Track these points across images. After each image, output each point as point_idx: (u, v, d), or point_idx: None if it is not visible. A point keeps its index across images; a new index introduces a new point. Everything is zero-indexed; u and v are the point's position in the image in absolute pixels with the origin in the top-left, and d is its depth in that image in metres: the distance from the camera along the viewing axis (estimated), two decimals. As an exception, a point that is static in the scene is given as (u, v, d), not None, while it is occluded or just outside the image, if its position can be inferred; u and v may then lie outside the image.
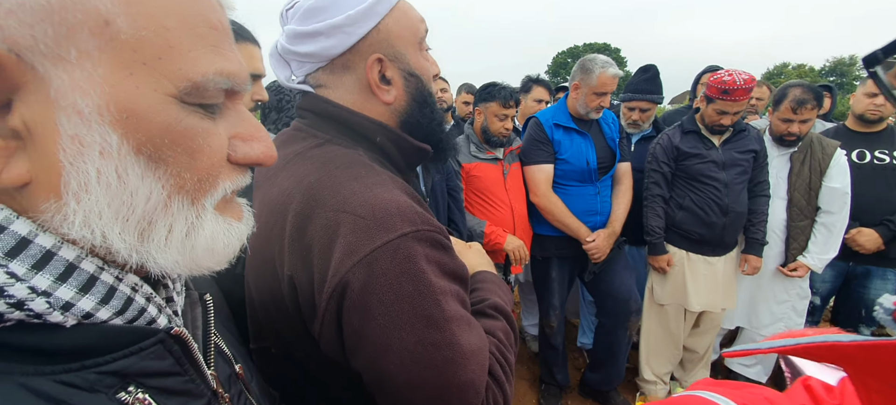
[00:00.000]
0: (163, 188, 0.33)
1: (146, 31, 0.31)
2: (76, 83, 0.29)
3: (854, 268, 2.46)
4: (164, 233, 0.34)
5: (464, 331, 0.58)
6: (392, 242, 0.55)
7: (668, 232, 2.39)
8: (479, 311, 0.72)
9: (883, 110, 2.34)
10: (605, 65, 2.19)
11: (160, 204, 0.33)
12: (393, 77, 0.70)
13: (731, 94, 2.12)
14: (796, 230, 2.34)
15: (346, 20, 0.65)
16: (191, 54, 0.33)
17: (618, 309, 2.37)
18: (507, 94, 2.23)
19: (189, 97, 0.34)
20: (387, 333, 0.55)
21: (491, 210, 2.28)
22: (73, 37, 0.29)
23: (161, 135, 0.32)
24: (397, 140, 0.72)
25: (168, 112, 0.32)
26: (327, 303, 0.56)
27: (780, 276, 2.41)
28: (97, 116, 0.30)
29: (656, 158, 2.38)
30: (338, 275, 0.55)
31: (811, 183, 2.30)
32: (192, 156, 0.34)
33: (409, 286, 0.55)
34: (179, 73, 0.33)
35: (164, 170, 0.33)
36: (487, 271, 0.83)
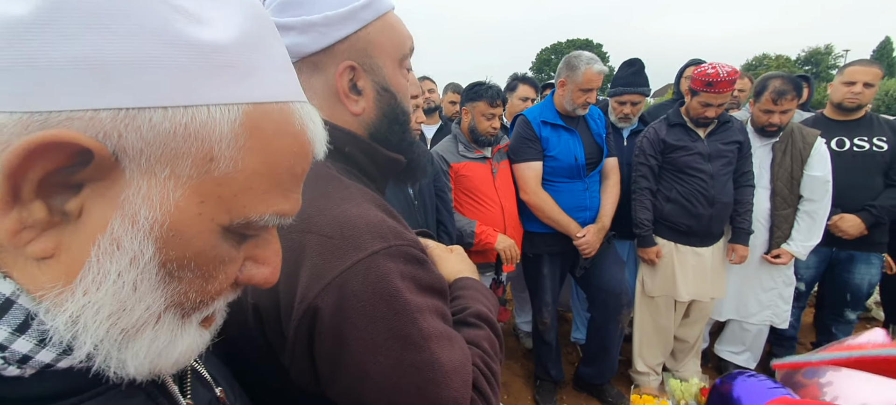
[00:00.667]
0: (165, 302, 0.33)
1: (239, 172, 0.33)
2: (149, 196, 0.30)
3: (837, 254, 2.51)
4: (145, 344, 0.33)
5: (444, 348, 0.55)
6: (362, 262, 0.52)
7: (657, 224, 2.41)
8: (461, 321, 0.69)
9: (860, 98, 2.40)
10: (591, 61, 2.20)
11: (154, 316, 0.33)
12: (364, 88, 0.66)
13: (714, 86, 2.15)
14: (780, 219, 2.38)
15: (322, 20, 0.61)
16: (263, 196, 0.34)
17: (609, 302, 2.38)
18: (494, 93, 2.22)
19: (236, 228, 0.34)
20: (363, 359, 0.52)
21: (481, 209, 2.27)
22: (175, 160, 0.30)
23: (191, 257, 0.33)
24: (368, 150, 0.67)
25: (209, 239, 0.33)
26: (296, 332, 0.53)
27: (766, 265, 2.45)
28: (148, 229, 0.30)
29: (643, 151, 2.40)
30: (306, 301, 0.52)
31: (793, 172, 2.34)
32: (206, 280, 0.34)
33: (383, 307, 0.52)
34: (242, 209, 0.33)
35: (175, 287, 0.33)
36: (469, 277, 0.79)
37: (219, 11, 0.32)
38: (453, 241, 2.12)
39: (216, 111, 0.31)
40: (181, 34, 0.29)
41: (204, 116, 0.30)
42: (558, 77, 2.30)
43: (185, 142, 0.30)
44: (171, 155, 0.30)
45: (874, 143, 2.37)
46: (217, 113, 0.31)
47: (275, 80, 0.35)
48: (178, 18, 0.29)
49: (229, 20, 0.32)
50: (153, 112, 0.28)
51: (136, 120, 0.28)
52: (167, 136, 0.29)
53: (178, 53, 0.29)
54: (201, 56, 0.30)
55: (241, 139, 0.32)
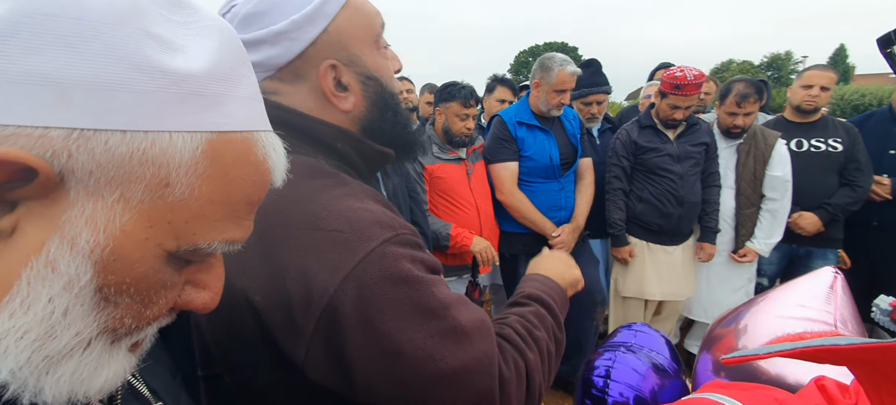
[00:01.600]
0: (97, 327, 0.31)
1: (195, 202, 0.32)
2: (93, 219, 0.29)
3: (797, 250, 2.63)
4: (69, 372, 0.30)
5: (462, 311, 0.58)
6: (376, 251, 0.54)
7: (630, 223, 2.47)
8: (514, 303, 0.75)
9: (817, 101, 2.52)
10: (564, 63, 2.23)
11: (83, 342, 0.30)
12: (349, 82, 0.65)
13: (682, 89, 2.22)
14: (744, 217, 2.48)
15: (290, 26, 0.60)
16: (215, 224, 0.33)
17: (583, 300, 2.42)
18: (468, 94, 2.21)
19: (183, 254, 0.33)
20: (395, 339, 0.53)
21: (456, 211, 2.26)
22: (127, 184, 0.29)
23: (131, 283, 0.31)
24: (358, 145, 0.68)
25: (152, 264, 0.32)
26: (316, 326, 0.53)
27: (732, 264, 2.54)
28: (88, 252, 0.29)
29: (616, 153, 2.46)
30: (326, 296, 0.52)
31: (756, 172, 2.44)
32: (145, 305, 0.33)
33: (402, 288, 0.55)
34: (191, 236, 0.33)
35: (110, 312, 0.31)
36: (536, 273, 0.84)
37: (193, 40, 0.32)
38: (429, 243, 2.11)
39: (178, 138, 0.30)
40: (151, 60, 0.29)
41: (165, 143, 0.30)
42: (533, 78, 2.32)
43: (141, 166, 0.29)
44: (124, 178, 0.29)
45: (830, 144, 2.50)
46: (179, 140, 0.30)
47: (241, 110, 0.34)
48: (150, 44, 0.29)
49: (203, 49, 0.32)
50: (110, 135, 0.28)
51: (90, 141, 0.27)
52: (122, 159, 0.28)
53: (146, 79, 0.29)
54: (170, 83, 0.30)
55: (201, 167, 0.32)
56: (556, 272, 0.85)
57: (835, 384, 0.60)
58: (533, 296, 0.75)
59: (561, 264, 0.88)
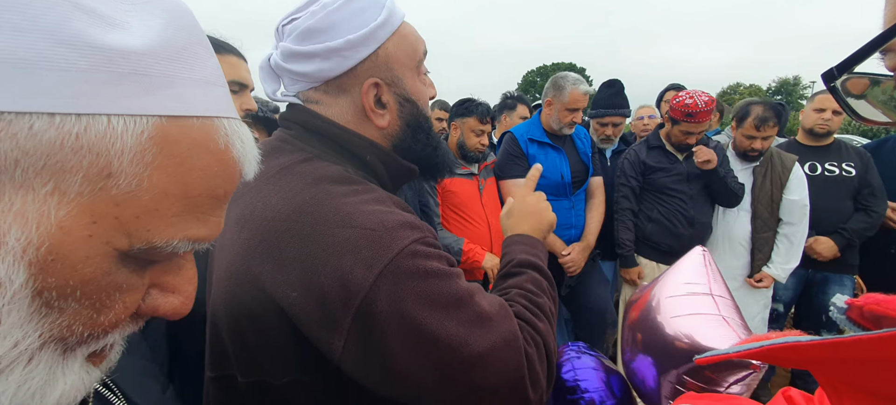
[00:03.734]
0: (40, 337, 0.27)
1: (145, 194, 0.28)
2: (23, 213, 0.25)
3: (813, 276, 2.58)
4: (12, 387, 0.27)
5: (483, 298, 0.63)
6: (407, 248, 0.58)
7: (639, 244, 2.45)
8: (505, 273, 0.78)
9: (830, 124, 2.51)
10: (576, 82, 2.25)
11: (25, 355, 0.27)
12: (388, 101, 0.70)
13: (694, 116, 2.23)
14: (761, 241, 2.44)
15: (345, 45, 0.64)
16: (172, 220, 0.30)
17: (593, 322, 2.39)
18: (484, 110, 2.24)
19: (137, 253, 0.30)
20: (430, 328, 0.57)
21: (468, 226, 2.26)
22: (61, 174, 0.26)
23: (76, 286, 0.27)
24: (386, 159, 0.72)
25: (101, 265, 0.28)
26: (354, 320, 0.56)
27: (749, 290, 2.48)
28: (20, 252, 0.25)
29: (624, 173, 2.45)
30: (363, 290, 0.55)
31: (773, 195, 2.41)
32: (98, 311, 0.29)
33: (433, 280, 0.58)
34: (144, 233, 0.29)
35: (54, 319, 0.28)
36: (518, 234, 0.87)
37: (136, 16, 0.29)
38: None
39: (118, 122, 0.27)
40: (82, 34, 0.26)
41: (101, 127, 0.26)
42: (545, 96, 2.34)
43: (75, 154, 0.26)
44: (56, 167, 0.25)
45: (843, 168, 2.48)
46: (119, 124, 0.27)
47: (196, 93, 0.31)
48: (80, 18, 0.26)
49: (147, 26, 0.29)
50: (36, 118, 0.24)
51: (11, 125, 0.24)
52: (51, 145, 0.25)
53: (76, 55, 0.25)
54: (105, 61, 0.26)
55: (149, 155, 0.28)
56: (534, 226, 0.89)
57: (801, 395, 0.60)
58: (523, 262, 0.79)
59: (535, 213, 0.91)
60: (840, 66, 0.33)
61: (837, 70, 0.33)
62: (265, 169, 0.65)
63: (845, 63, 0.32)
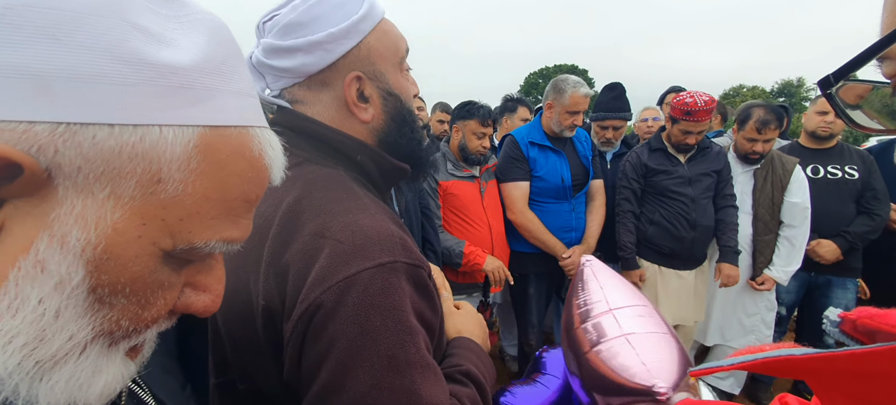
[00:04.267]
0: (91, 331, 0.30)
1: (188, 197, 0.31)
2: (83, 216, 0.28)
3: (816, 279, 2.56)
4: (64, 377, 0.29)
5: (427, 381, 0.53)
6: (367, 271, 0.52)
7: (641, 247, 2.44)
8: (448, 376, 0.65)
9: (833, 127, 2.50)
10: (577, 85, 2.25)
11: (78, 347, 0.29)
12: (371, 95, 0.69)
13: (693, 115, 2.22)
14: (762, 244, 2.43)
15: (326, 38, 0.63)
16: (211, 222, 0.33)
17: (596, 325, 2.38)
18: (486, 113, 2.24)
19: (179, 253, 0.32)
20: (343, 370, 0.51)
21: (469, 228, 2.26)
22: (117, 180, 0.28)
23: (126, 283, 0.30)
24: (377, 158, 0.70)
25: (148, 263, 0.31)
26: (293, 329, 0.53)
27: (749, 289, 2.49)
28: (79, 251, 0.28)
29: (626, 175, 2.45)
30: (306, 301, 0.52)
31: (774, 198, 2.40)
32: (142, 307, 0.32)
33: (377, 320, 0.51)
34: (187, 235, 0.32)
35: (106, 314, 0.30)
36: (467, 338, 0.75)
37: (183, 34, 0.31)
38: (438, 259, 2.10)
39: (169, 132, 0.29)
40: (138, 52, 0.28)
41: (155, 137, 0.29)
42: (546, 99, 2.34)
43: (131, 161, 0.28)
44: (114, 174, 0.28)
45: (846, 171, 2.46)
46: (169, 134, 0.29)
47: (234, 104, 0.34)
48: (137, 36, 0.28)
49: (193, 43, 0.31)
50: (98, 129, 0.27)
51: (77, 136, 0.26)
52: (111, 154, 0.27)
53: (131, 71, 0.28)
54: (158, 76, 0.29)
55: (194, 162, 0.31)
56: (483, 340, 0.79)
57: (798, 401, 0.60)
58: (470, 374, 0.67)
59: (480, 328, 0.81)
60: (837, 72, 0.32)
61: (834, 77, 0.32)
62: None
63: (842, 70, 0.32)
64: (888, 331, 0.35)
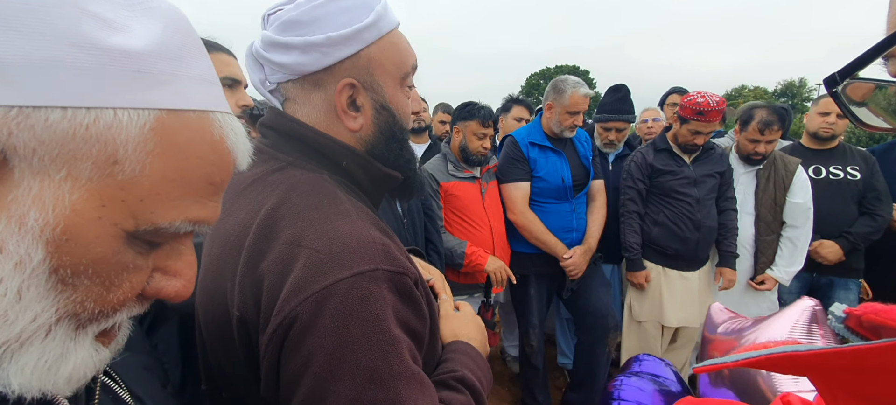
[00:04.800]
0: (55, 312, 0.30)
1: (147, 178, 0.31)
2: (41, 197, 0.28)
3: (818, 280, 2.55)
4: (32, 359, 0.30)
5: (413, 392, 0.51)
6: (345, 281, 0.50)
7: (645, 248, 2.43)
8: (442, 382, 0.63)
9: (834, 128, 2.49)
10: (577, 85, 2.25)
11: (43, 329, 0.30)
12: (363, 105, 0.66)
13: (705, 115, 2.21)
14: (764, 244, 2.43)
15: (325, 41, 0.62)
16: (174, 202, 0.33)
17: (596, 325, 2.37)
18: (487, 114, 2.24)
19: (144, 234, 0.33)
20: (323, 384, 0.49)
21: (470, 229, 2.26)
22: (73, 161, 0.29)
23: (88, 264, 0.30)
24: (365, 164, 0.68)
25: (110, 244, 0.31)
26: (268, 343, 0.52)
27: (752, 292, 2.48)
28: (38, 232, 0.28)
29: (631, 175, 2.44)
30: (281, 314, 0.50)
31: (776, 198, 2.40)
32: (107, 288, 0.32)
33: (356, 331, 0.49)
34: (150, 215, 0.32)
35: (69, 295, 0.30)
36: (464, 343, 0.73)
37: (137, 21, 0.32)
38: (442, 260, 2.10)
39: (123, 115, 0.30)
40: (90, 37, 0.29)
41: (108, 119, 0.29)
42: (545, 100, 2.34)
43: (86, 143, 0.29)
44: (69, 156, 0.28)
45: (848, 172, 2.46)
46: (124, 117, 0.30)
47: (193, 89, 0.34)
48: (90, 22, 0.29)
49: (147, 29, 0.32)
50: (50, 112, 0.27)
51: (29, 118, 0.27)
52: (65, 136, 0.28)
53: (85, 56, 0.28)
54: (111, 61, 0.30)
55: (150, 144, 0.31)
56: (481, 345, 0.76)
57: (799, 400, 0.60)
58: (466, 381, 0.65)
59: (479, 331, 0.79)
60: (842, 71, 0.32)
61: (840, 75, 0.32)
62: (238, 181, 0.64)
63: (848, 68, 0.32)
64: (893, 326, 0.35)
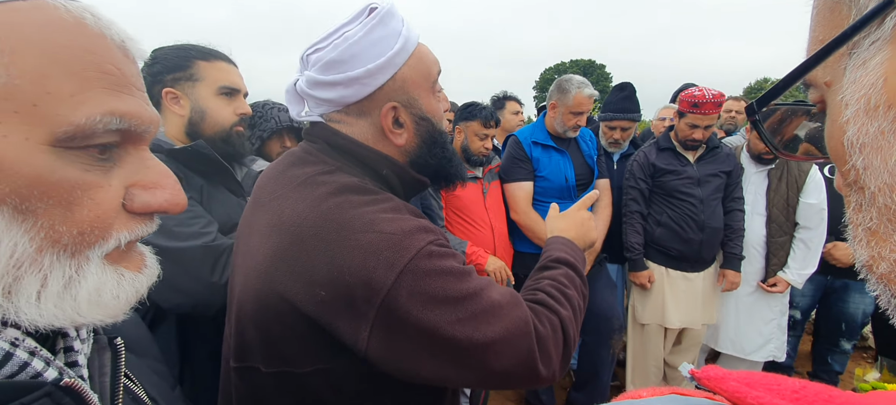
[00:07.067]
0: (31, 241, 0.32)
1: (20, 79, 0.30)
2: None
3: (833, 283, 2.48)
4: (35, 287, 0.32)
5: (494, 290, 0.69)
6: (423, 249, 0.64)
7: (648, 248, 2.40)
8: (542, 266, 0.86)
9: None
10: (581, 85, 2.22)
11: (27, 258, 0.32)
12: (405, 121, 0.76)
13: (700, 107, 2.16)
14: (776, 246, 2.36)
15: (364, 74, 0.70)
16: (74, 98, 0.32)
17: (600, 326, 2.35)
18: (488, 114, 2.23)
19: (72, 142, 0.33)
20: (445, 320, 0.63)
21: (471, 229, 2.26)
22: None
23: (28, 186, 0.31)
24: (401, 172, 0.78)
25: (39, 162, 0.31)
26: (378, 314, 0.62)
27: (763, 295, 2.41)
28: None
29: (633, 175, 2.40)
30: (385, 287, 0.61)
31: (788, 199, 2.33)
32: (68, 208, 0.33)
33: (448, 277, 0.65)
34: (57, 117, 0.32)
35: (33, 222, 0.32)
36: (560, 236, 0.96)
37: None
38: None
39: None
40: None
41: None
42: (549, 99, 2.32)
43: None
44: None
45: (867, 172, 2.37)
46: None
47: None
48: None
49: None
50: None
51: None
52: None
53: None
54: None
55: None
56: (579, 235, 0.97)
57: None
58: (561, 259, 0.87)
59: (580, 226, 0.99)
60: (760, 99, 0.32)
61: (757, 104, 0.32)
62: (291, 177, 0.73)
63: (765, 97, 0.32)
64: (722, 394, 0.30)
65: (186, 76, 1.18)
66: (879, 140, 0.23)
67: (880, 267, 0.26)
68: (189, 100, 1.18)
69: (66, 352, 0.40)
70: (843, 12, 0.26)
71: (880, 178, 0.24)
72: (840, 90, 0.26)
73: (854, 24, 0.24)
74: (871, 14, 0.23)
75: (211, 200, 1.18)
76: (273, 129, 1.74)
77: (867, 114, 0.24)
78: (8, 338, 0.33)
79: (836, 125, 0.27)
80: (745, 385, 0.29)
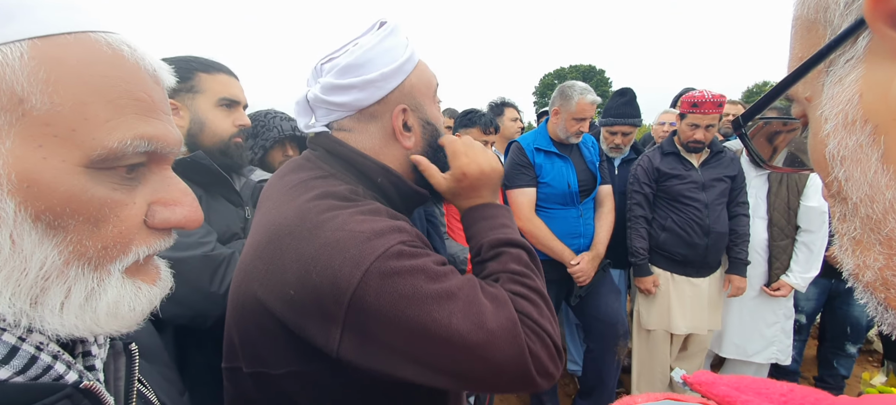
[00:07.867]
0: (60, 255, 0.33)
1: (61, 106, 0.33)
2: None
3: (837, 286, 2.47)
4: (59, 298, 0.34)
5: (475, 291, 0.66)
6: (392, 249, 0.63)
7: (652, 253, 2.39)
8: (482, 260, 0.78)
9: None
10: (584, 91, 2.23)
11: (55, 270, 0.33)
12: (413, 125, 0.80)
13: (700, 106, 2.17)
14: (778, 250, 2.36)
15: (379, 77, 0.75)
16: (108, 124, 0.34)
17: (605, 332, 2.34)
18: (488, 121, 2.24)
19: (103, 163, 0.35)
20: (420, 319, 0.61)
21: (474, 236, 2.26)
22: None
23: (62, 204, 0.33)
24: (397, 182, 0.79)
25: (73, 182, 0.33)
26: (346, 314, 0.61)
27: (767, 299, 2.41)
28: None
29: (638, 179, 2.41)
30: (351, 287, 0.60)
31: (789, 202, 2.33)
32: (96, 225, 0.35)
33: (420, 276, 0.63)
34: (93, 142, 0.34)
35: (63, 237, 0.33)
36: (478, 205, 0.82)
37: None
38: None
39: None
40: None
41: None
42: (552, 105, 2.33)
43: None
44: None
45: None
46: (7, 51, 0.31)
47: (55, 15, 0.35)
48: None
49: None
50: None
51: None
52: None
53: None
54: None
55: (42, 73, 0.32)
56: (487, 183, 0.82)
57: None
58: (497, 242, 0.77)
59: (482, 164, 0.81)
60: (746, 114, 0.32)
61: (743, 118, 0.32)
62: (286, 182, 0.75)
63: (750, 112, 0.32)
64: (711, 398, 0.31)
65: (187, 88, 1.19)
66: (858, 153, 0.24)
67: (866, 275, 0.26)
68: (189, 111, 1.20)
69: (85, 357, 0.41)
70: (820, 31, 0.26)
71: (861, 189, 0.24)
72: (820, 105, 0.27)
73: (829, 44, 0.25)
74: (844, 34, 0.24)
75: (210, 210, 1.19)
76: (275, 139, 1.75)
77: (846, 128, 0.25)
78: (33, 343, 0.35)
79: (817, 139, 0.28)
80: (735, 389, 0.30)
